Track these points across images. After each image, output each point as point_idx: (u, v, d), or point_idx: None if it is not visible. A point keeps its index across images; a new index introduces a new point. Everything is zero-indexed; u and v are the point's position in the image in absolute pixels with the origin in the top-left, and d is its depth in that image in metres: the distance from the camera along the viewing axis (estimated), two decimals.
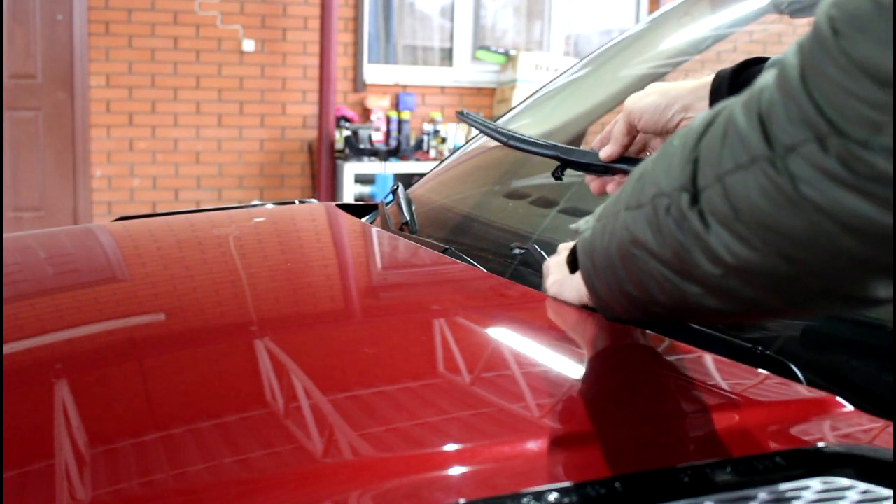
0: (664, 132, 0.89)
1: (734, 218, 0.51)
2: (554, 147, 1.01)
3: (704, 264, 0.55)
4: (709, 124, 0.55)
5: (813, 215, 0.47)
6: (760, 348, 0.77)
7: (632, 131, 0.92)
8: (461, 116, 1.18)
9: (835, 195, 0.45)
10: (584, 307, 0.83)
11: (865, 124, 0.43)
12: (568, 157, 0.98)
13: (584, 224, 0.76)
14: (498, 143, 1.57)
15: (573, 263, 0.81)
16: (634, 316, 0.73)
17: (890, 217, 0.44)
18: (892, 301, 0.51)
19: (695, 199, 0.54)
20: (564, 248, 0.89)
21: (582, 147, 1.05)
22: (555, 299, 0.86)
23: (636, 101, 0.91)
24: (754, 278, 0.53)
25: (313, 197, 5.45)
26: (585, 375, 0.75)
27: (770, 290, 0.54)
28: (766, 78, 0.50)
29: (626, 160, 0.94)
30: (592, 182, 0.97)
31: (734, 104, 0.52)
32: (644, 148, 0.95)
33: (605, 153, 0.94)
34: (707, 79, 0.86)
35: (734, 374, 0.71)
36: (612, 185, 0.95)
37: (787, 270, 0.51)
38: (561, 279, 0.87)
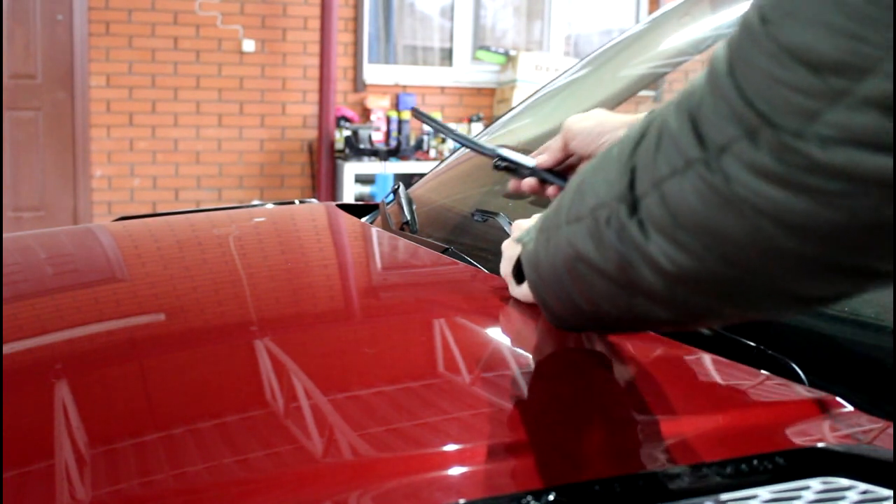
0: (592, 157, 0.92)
1: (673, 225, 0.49)
2: (494, 149, 1.05)
3: (648, 276, 0.53)
4: (644, 131, 0.53)
5: (750, 216, 0.45)
6: (762, 348, 0.77)
7: (566, 149, 0.96)
8: (415, 114, 1.24)
9: (769, 193, 0.44)
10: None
11: (798, 113, 0.41)
12: (503, 156, 1.03)
13: (527, 236, 0.74)
14: (499, 144, 1.57)
15: (518, 275, 0.79)
16: (587, 326, 0.71)
17: (828, 210, 0.42)
18: (842, 298, 0.50)
19: (634, 209, 0.52)
20: (517, 228, 0.89)
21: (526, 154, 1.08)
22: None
23: (575, 122, 0.95)
24: (698, 285, 0.51)
25: (313, 197, 5.45)
26: (585, 375, 0.75)
27: (716, 296, 0.52)
28: (698, 78, 0.49)
29: (554, 173, 1.00)
30: (511, 182, 1.02)
31: (668, 109, 0.51)
32: (575, 167, 0.98)
33: (539, 160, 0.98)
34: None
35: (734, 374, 0.71)
36: (525, 184, 1.00)
37: (730, 274, 0.49)
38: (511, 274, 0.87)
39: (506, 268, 0.88)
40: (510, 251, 0.88)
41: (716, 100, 0.46)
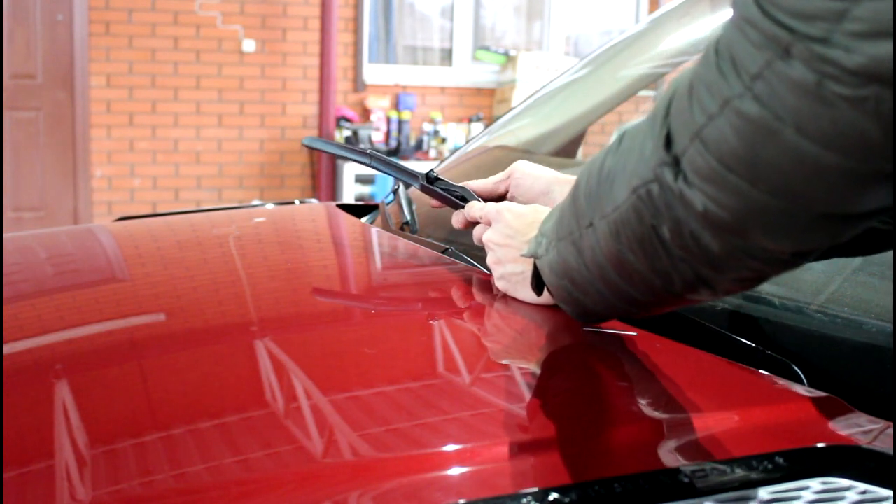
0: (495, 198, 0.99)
1: (718, 169, 0.49)
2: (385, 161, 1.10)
3: (703, 235, 0.53)
4: (672, 95, 0.54)
5: (790, 139, 0.46)
6: (762, 348, 0.77)
7: (505, 184, 0.99)
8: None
9: (805, 110, 0.44)
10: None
11: (825, 17, 0.42)
12: (437, 178, 1.04)
13: (537, 247, 0.73)
14: (498, 144, 1.58)
15: (539, 286, 0.78)
16: (636, 314, 0.71)
17: (861, 118, 0.43)
18: (885, 211, 0.49)
19: (677, 169, 0.53)
20: (492, 245, 0.89)
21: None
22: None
23: (526, 165, 0.98)
24: (751, 226, 0.51)
25: (313, 197, 5.46)
26: (585, 376, 0.75)
27: (771, 235, 0.51)
28: (721, 29, 0.49)
29: (446, 187, 1.03)
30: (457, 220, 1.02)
31: (695, 65, 0.51)
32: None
33: (475, 184, 1.01)
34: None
35: (734, 374, 0.71)
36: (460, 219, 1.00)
37: (778, 206, 0.49)
38: (510, 275, 0.87)
39: (522, 291, 0.87)
40: (517, 268, 0.87)
41: (744, 30, 0.46)
